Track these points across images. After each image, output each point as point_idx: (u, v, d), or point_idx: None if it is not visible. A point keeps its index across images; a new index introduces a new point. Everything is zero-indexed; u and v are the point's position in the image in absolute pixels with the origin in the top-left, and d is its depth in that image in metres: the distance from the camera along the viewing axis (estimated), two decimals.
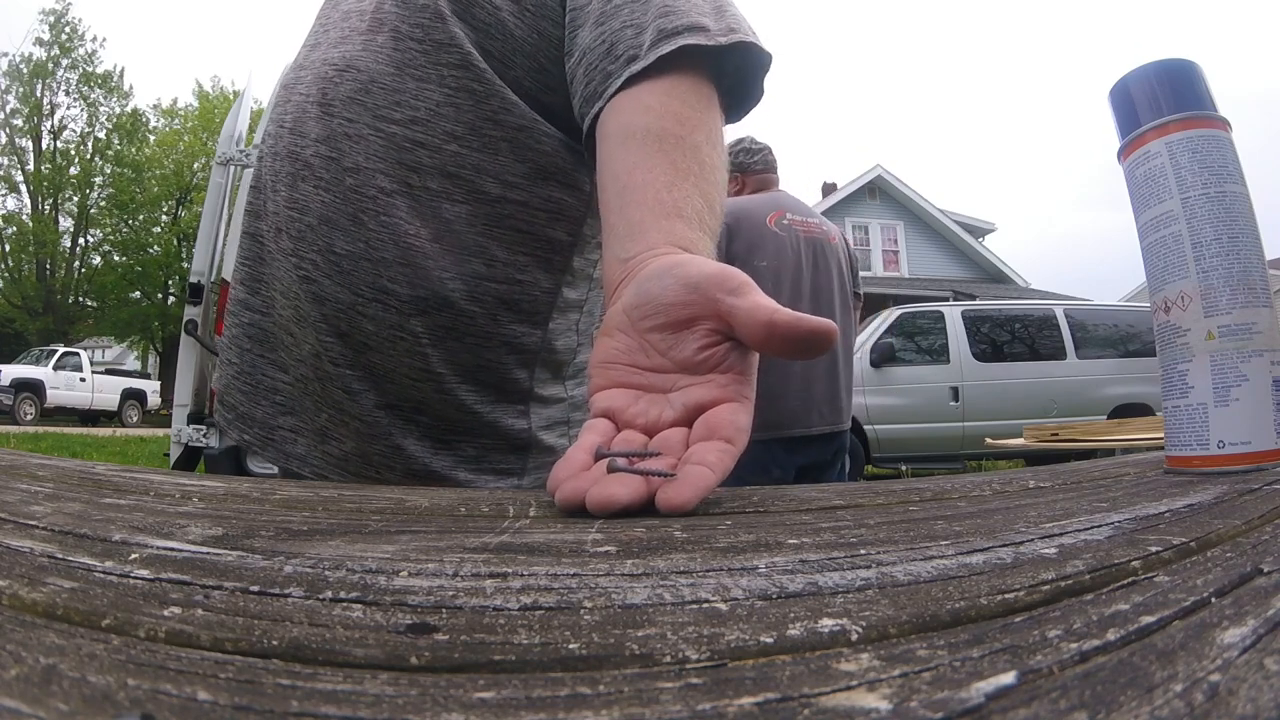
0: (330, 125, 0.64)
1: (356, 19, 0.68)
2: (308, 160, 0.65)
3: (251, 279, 0.71)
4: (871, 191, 15.58)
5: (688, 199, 0.50)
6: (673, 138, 0.53)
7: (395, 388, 0.65)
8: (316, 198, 0.64)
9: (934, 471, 5.64)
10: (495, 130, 0.64)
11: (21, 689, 0.13)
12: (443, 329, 0.64)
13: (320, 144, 0.64)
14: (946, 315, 6.55)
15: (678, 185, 0.51)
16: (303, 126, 0.65)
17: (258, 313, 0.70)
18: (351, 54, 0.65)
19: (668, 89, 0.56)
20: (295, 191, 0.65)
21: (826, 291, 1.86)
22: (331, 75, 0.65)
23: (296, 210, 0.65)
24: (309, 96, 0.66)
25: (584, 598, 0.19)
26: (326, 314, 0.64)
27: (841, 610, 0.18)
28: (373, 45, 0.64)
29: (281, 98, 0.70)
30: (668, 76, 0.56)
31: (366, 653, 0.16)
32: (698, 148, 0.54)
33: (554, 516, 0.33)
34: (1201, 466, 0.44)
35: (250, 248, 0.71)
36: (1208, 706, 0.13)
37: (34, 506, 0.31)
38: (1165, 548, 0.24)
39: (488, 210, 0.65)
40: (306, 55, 0.70)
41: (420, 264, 0.63)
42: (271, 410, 0.70)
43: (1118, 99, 0.51)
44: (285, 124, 0.68)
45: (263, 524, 0.29)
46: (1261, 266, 0.46)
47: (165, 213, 20.50)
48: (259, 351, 0.70)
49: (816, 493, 0.41)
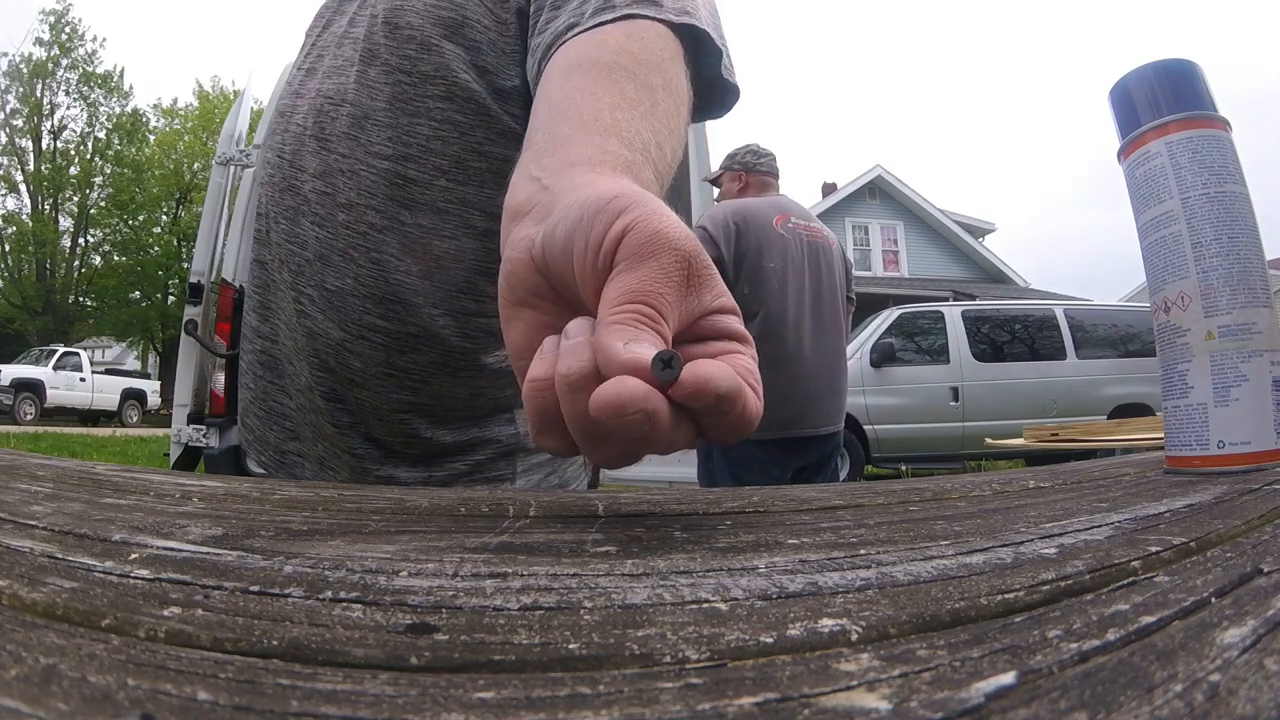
0: (327, 160, 0.64)
1: (350, 47, 0.67)
2: (306, 195, 0.65)
3: (261, 306, 0.72)
4: (871, 191, 15.57)
5: (631, 125, 0.42)
6: (624, 70, 0.47)
7: (383, 425, 0.65)
8: (313, 233, 0.64)
9: (934, 471, 5.63)
10: (480, 162, 0.63)
11: (21, 689, 0.13)
12: (434, 365, 0.64)
13: (317, 179, 0.64)
14: (946, 315, 6.55)
15: (622, 109, 0.43)
16: (300, 159, 0.66)
17: (267, 340, 0.71)
18: (345, 87, 0.65)
19: (629, 30, 0.50)
20: (295, 226, 0.66)
21: (827, 294, 1.87)
22: (327, 109, 0.65)
23: (296, 245, 0.66)
24: (306, 128, 0.66)
25: (584, 598, 0.19)
26: (318, 348, 0.65)
27: (841, 610, 0.18)
28: (366, 79, 0.64)
29: (279, 125, 0.71)
30: (631, 22, 0.51)
31: (366, 653, 0.16)
32: (653, 89, 0.47)
33: (554, 516, 0.33)
34: (1201, 466, 0.44)
35: (259, 275, 0.72)
36: (1208, 707, 0.13)
37: (34, 506, 0.31)
38: (1165, 548, 0.24)
39: (476, 245, 0.64)
40: (303, 82, 0.70)
41: (410, 301, 0.62)
42: (282, 435, 0.72)
43: (1117, 99, 0.51)
44: (285, 155, 0.68)
45: (263, 524, 0.29)
46: (1261, 266, 0.46)
47: (165, 213, 20.50)
48: (270, 378, 0.71)
49: (816, 493, 0.41)
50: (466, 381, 0.66)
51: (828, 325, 1.86)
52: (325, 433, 0.67)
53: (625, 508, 0.36)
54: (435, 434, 0.66)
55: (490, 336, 0.66)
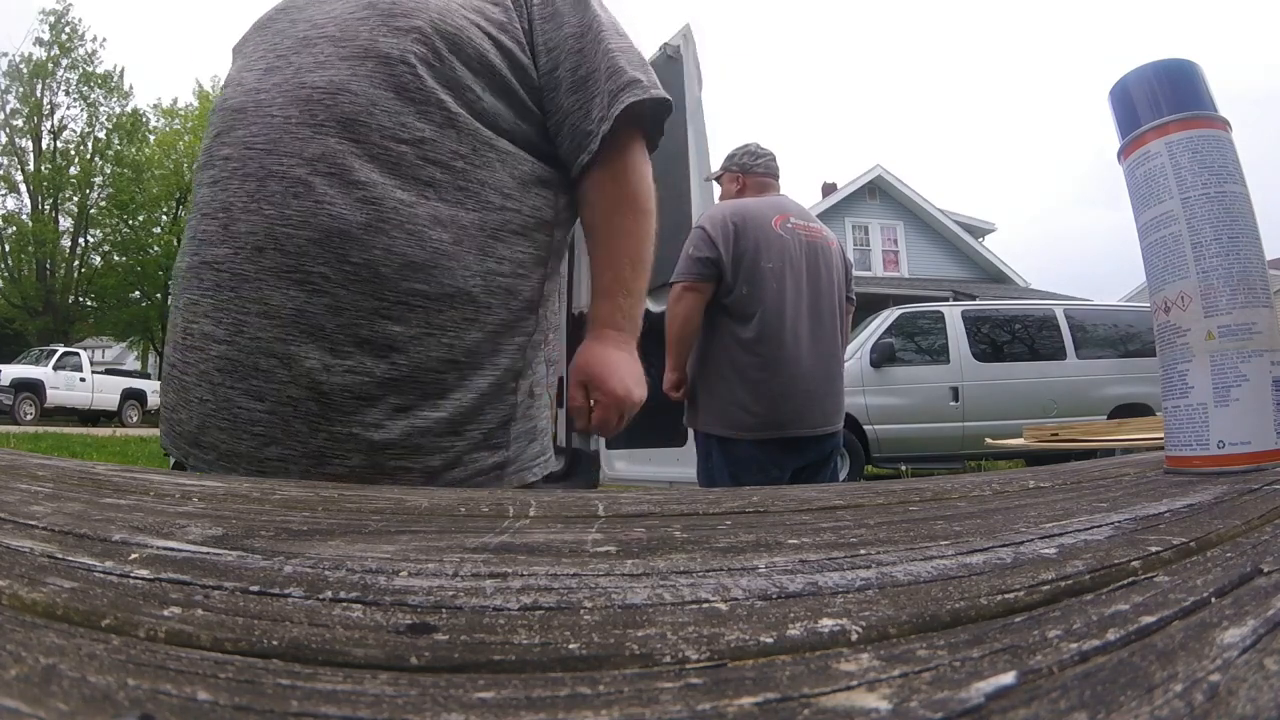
0: (326, 144, 0.67)
1: (328, 45, 0.72)
2: (301, 178, 0.67)
3: (216, 309, 0.69)
4: (871, 191, 15.57)
5: (637, 264, 0.85)
6: (642, 211, 0.86)
7: (418, 386, 0.69)
8: (322, 211, 0.66)
9: (934, 471, 5.63)
10: (491, 153, 0.76)
11: (21, 689, 0.13)
12: (466, 321, 0.73)
13: (317, 162, 0.67)
14: (946, 315, 6.55)
15: (639, 254, 0.85)
16: (285, 146, 0.68)
17: (224, 343, 0.69)
18: (340, 79, 0.70)
19: (641, 171, 0.86)
20: (287, 209, 0.66)
21: (825, 294, 1.87)
22: (320, 98, 0.68)
23: (291, 226, 0.66)
24: (289, 118, 0.68)
25: (584, 598, 0.19)
26: (344, 324, 0.66)
27: (841, 610, 0.18)
28: (362, 70, 0.70)
29: (230, 121, 0.72)
30: (619, 140, 0.82)
31: (366, 653, 0.16)
32: (651, 213, 0.87)
33: (554, 516, 0.33)
34: (1201, 466, 0.44)
35: (211, 277, 0.70)
36: (1208, 706, 0.13)
37: (34, 506, 0.31)
38: (1165, 548, 0.24)
39: (494, 217, 0.75)
40: (259, 79, 0.73)
41: (445, 265, 0.70)
42: (255, 444, 0.69)
43: (1118, 99, 0.51)
44: (255, 145, 0.69)
45: (263, 524, 0.29)
46: (1261, 266, 0.46)
47: (165, 213, 20.48)
48: (230, 384, 0.69)
49: (816, 493, 0.41)
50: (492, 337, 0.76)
51: (826, 326, 1.86)
52: (340, 414, 0.68)
53: (625, 508, 0.36)
54: (464, 388, 0.73)
55: (508, 294, 0.76)
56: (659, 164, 0.89)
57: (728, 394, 1.78)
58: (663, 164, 2.64)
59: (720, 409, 1.80)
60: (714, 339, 1.81)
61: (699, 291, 1.78)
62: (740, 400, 1.76)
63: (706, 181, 2.52)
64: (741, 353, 1.77)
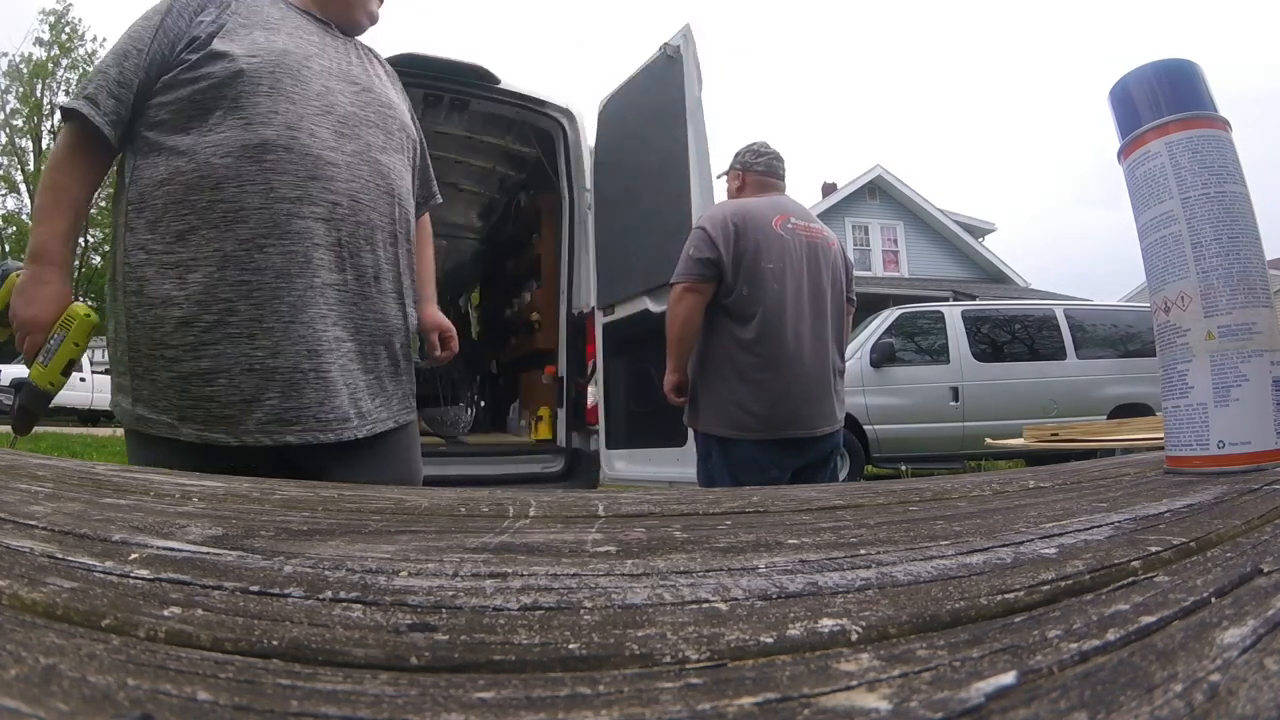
0: (392, 212, 1.15)
1: (380, 134, 1.12)
2: (392, 232, 1.15)
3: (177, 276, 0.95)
4: (871, 191, 15.56)
5: (431, 282, 1.32)
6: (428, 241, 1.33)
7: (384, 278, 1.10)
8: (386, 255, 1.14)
9: (934, 471, 5.63)
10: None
11: (21, 689, 0.13)
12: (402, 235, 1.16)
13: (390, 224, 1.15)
14: (946, 315, 6.54)
15: (429, 278, 1.31)
16: (377, 205, 1.11)
17: (178, 306, 0.93)
18: (390, 164, 1.13)
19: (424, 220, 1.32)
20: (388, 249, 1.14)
21: (826, 295, 1.87)
22: (386, 172, 1.12)
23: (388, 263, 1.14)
24: (375, 185, 1.10)
25: (584, 598, 0.19)
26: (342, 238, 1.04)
27: (841, 610, 0.18)
28: (390, 147, 1.15)
29: (323, 170, 1.03)
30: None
31: (366, 653, 0.16)
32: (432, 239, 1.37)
33: (554, 516, 0.33)
34: (1201, 466, 0.44)
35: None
36: (1208, 706, 0.13)
37: (34, 506, 0.31)
38: (1165, 548, 0.24)
39: None
40: (337, 141, 1.06)
41: (405, 205, 1.14)
42: (200, 382, 0.93)
43: (1118, 99, 0.51)
44: (360, 199, 1.09)
45: (263, 524, 0.29)
46: (1261, 266, 0.46)
47: None
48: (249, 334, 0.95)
49: (816, 493, 0.41)
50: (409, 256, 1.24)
51: (827, 326, 1.85)
52: (289, 276, 0.97)
53: (625, 508, 0.36)
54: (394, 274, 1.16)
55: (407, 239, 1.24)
56: (659, 164, 0.87)
57: (728, 394, 1.78)
58: (663, 164, 2.61)
59: (720, 409, 1.80)
60: (714, 339, 1.81)
61: (699, 292, 1.78)
62: (740, 400, 1.76)
63: (717, 179, 2.51)
64: (742, 353, 1.77)
